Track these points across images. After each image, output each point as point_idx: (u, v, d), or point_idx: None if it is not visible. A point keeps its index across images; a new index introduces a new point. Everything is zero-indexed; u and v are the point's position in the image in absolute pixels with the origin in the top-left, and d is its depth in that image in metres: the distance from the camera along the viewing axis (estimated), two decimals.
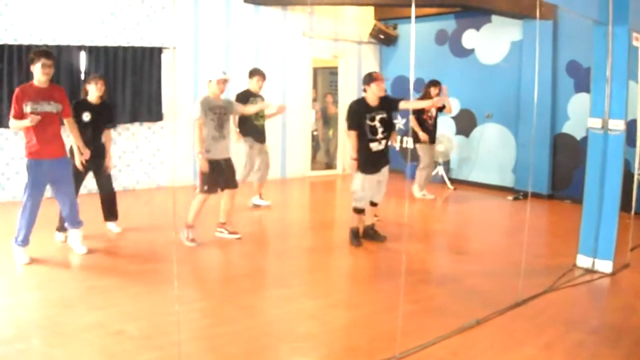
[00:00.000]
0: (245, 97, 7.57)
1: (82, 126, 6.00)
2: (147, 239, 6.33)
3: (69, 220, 5.71)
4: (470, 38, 10.41)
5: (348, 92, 11.69)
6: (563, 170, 9.17)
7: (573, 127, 9.02)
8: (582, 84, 8.72)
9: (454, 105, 10.52)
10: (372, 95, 6.07)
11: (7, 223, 6.26)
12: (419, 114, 8.78)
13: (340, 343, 3.93)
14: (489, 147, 10.17)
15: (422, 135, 8.73)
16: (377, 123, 6.06)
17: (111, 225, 6.58)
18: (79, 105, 6.14)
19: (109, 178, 6.51)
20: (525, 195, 9.09)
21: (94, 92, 6.23)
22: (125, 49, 8.90)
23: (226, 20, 10.00)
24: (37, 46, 8.03)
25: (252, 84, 7.81)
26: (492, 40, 10.08)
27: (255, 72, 7.87)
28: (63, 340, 3.80)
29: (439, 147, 10.12)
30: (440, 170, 10.30)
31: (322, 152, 13.13)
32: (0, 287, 4.82)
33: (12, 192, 7.90)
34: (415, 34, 11.24)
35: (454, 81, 10.39)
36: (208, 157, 6.01)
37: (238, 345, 3.85)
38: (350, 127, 6.14)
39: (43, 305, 4.46)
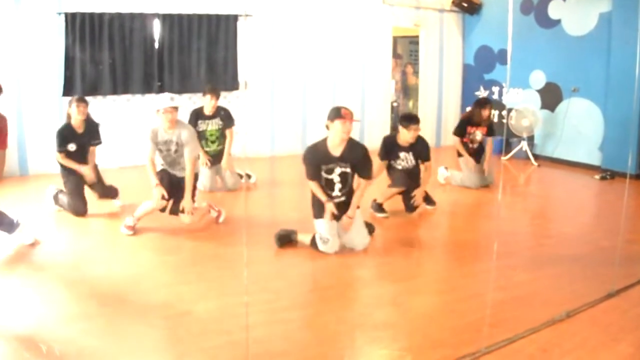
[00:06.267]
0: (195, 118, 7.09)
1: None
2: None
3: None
4: (556, 8, 9.88)
5: (429, 62, 11.46)
6: None
7: None
8: None
9: (540, 79, 10.17)
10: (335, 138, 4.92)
11: None
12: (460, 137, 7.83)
13: (421, 333, 3.69)
14: (575, 123, 9.70)
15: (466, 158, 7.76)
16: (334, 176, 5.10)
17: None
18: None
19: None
20: (612, 175, 8.69)
21: (76, 115, 5.88)
22: (200, 16, 8.88)
23: None
24: (109, 14, 8.13)
25: (205, 103, 7.08)
26: (580, 11, 9.52)
27: (208, 91, 7.11)
28: (128, 319, 3.77)
29: (524, 121, 9.79)
30: (524, 145, 9.98)
31: None
32: (68, 261, 4.87)
33: None
34: (499, 2, 10.88)
35: (540, 53, 10.06)
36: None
37: (310, 332, 3.73)
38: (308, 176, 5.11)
39: (110, 281, 4.41)
